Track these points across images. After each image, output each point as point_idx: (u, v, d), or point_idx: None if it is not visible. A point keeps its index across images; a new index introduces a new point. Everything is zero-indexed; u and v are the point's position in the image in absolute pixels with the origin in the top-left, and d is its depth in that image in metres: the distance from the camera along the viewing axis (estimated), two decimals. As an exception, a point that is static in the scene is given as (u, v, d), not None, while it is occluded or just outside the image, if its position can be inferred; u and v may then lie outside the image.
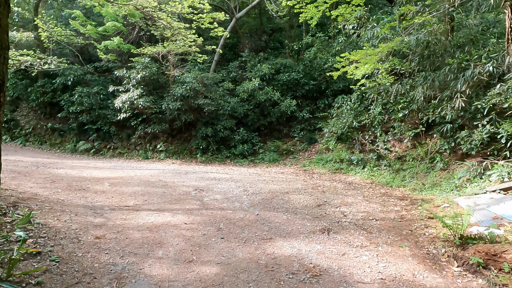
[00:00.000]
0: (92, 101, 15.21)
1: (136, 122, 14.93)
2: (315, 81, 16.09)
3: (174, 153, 14.59)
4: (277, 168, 12.81)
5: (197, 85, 14.15)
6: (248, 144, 14.54)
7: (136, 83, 14.23)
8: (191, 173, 10.69)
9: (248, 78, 16.09)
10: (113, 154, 15.00)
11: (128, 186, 8.11)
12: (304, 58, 16.67)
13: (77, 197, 6.73)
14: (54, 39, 14.79)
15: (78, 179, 8.65)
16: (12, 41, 14.96)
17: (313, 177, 10.98)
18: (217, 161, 14.09)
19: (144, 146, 15.00)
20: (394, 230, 5.42)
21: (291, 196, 7.61)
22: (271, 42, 20.30)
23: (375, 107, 12.56)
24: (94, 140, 15.62)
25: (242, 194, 7.69)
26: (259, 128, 15.60)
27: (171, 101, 14.05)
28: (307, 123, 15.53)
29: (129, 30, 16.49)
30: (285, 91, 16.04)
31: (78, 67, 15.66)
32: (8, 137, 16.43)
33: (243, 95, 15.09)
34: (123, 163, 13.23)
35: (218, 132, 14.45)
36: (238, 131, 14.72)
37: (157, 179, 9.25)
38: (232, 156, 14.45)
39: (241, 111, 14.89)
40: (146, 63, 14.12)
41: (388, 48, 9.64)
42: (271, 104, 15.35)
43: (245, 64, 17.25)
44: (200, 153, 14.44)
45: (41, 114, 16.96)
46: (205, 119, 14.87)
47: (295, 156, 14.27)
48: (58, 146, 15.89)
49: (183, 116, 14.26)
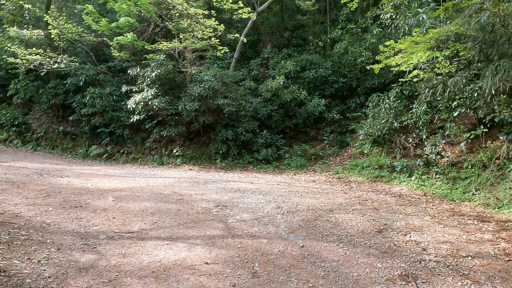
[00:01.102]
0: (104, 102, 13.79)
1: (151, 125, 13.42)
2: (345, 78, 14.24)
3: (192, 158, 12.99)
4: (307, 176, 11.02)
5: (216, 83, 12.52)
6: (272, 148, 12.81)
7: (151, 82, 12.71)
8: (211, 182, 9.03)
9: (271, 76, 14.38)
10: (126, 159, 13.52)
11: (136, 201, 6.50)
12: (332, 54, 14.84)
13: (69, 219, 5.14)
14: (65, 36, 13.45)
15: (79, 191, 7.10)
16: (22, 39, 13.72)
17: (352, 187, 9.16)
18: (238, 167, 12.42)
19: (160, 150, 13.47)
20: (510, 277, 3.60)
21: (337, 215, 5.83)
22: (293, 39, 18.53)
23: (419, 105, 10.65)
24: (107, 144, 14.19)
25: (276, 213, 5.96)
26: (283, 130, 13.86)
27: (188, 101, 12.47)
28: (337, 125, 13.69)
29: (144, 27, 15.03)
30: (312, 90, 14.25)
31: (90, 67, 14.28)
32: (19, 141, 15.21)
33: (266, 95, 13.38)
34: (136, 169, 11.70)
35: (239, 135, 12.77)
36: (261, 134, 13.01)
37: (172, 190, 7.61)
38: (254, 161, 12.75)
39: (264, 112, 13.18)
40: (161, 60, 12.58)
41: (446, 31, 7.76)
42: (297, 104, 13.59)
43: (267, 61, 15.55)
44: (220, 158, 12.79)
45: (53, 117, 15.69)
46: (225, 121, 13.23)
47: (325, 162, 12.46)
48: (69, 150, 14.54)
49: (201, 118, 12.65)
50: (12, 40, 13.73)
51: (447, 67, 8.06)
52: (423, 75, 8.89)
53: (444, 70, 8.15)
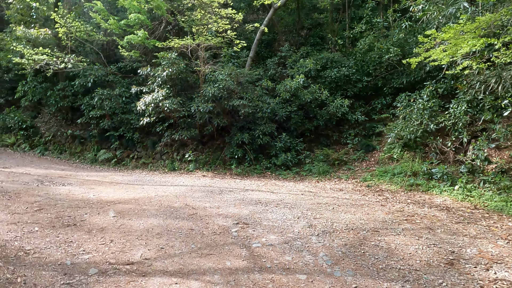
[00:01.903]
0: (113, 104, 12.83)
1: (162, 128, 12.38)
2: (369, 77, 12.98)
3: (205, 163, 11.89)
4: (331, 183, 9.80)
5: (231, 83, 11.42)
6: (291, 152, 11.62)
7: (162, 83, 11.69)
8: (227, 191, 7.90)
9: (289, 76, 13.21)
10: (136, 164, 12.51)
11: (141, 216, 5.40)
12: (355, 51, 13.60)
13: (55, 244, 4.07)
14: (73, 35, 12.56)
15: (77, 203, 6.05)
16: (29, 39, 12.89)
17: (386, 197, 7.90)
18: (255, 174, 11.26)
19: (171, 155, 12.41)
20: None
21: (386, 238, 4.62)
22: (310, 38, 17.34)
23: (458, 105, 9.36)
24: (116, 148, 13.22)
25: (309, 234, 4.79)
26: (303, 133, 12.65)
27: (201, 102, 11.40)
28: (361, 127, 12.42)
29: (155, 25, 14.07)
30: (334, 90, 13.03)
31: (99, 67, 13.37)
32: (27, 145, 14.38)
33: (285, 95, 12.21)
34: (146, 176, 10.65)
35: (255, 138, 11.63)
36: (280, 137, 11.83)
37: (183, 202, 6.50)
38: (272, 167, 11.57)
39: (282, 113, 12.00)
40: (173, 58, 11.54)
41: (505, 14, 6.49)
42: (317, 105, 12.38)
43: (284, 60, 14.39)
44: (235, 163, 11.66)
45: (62, 120, 14.83)
46: (241, 124, 12.11)
47: (349, 167, 11.20)
48: (78, 155, 13.62)
49: (215, 120, 11.55)
50: (19, 40, 12.92)
51: (508, 55, 6.74)
52: (476, 65, 7.57)
53: (505, 59, 6.83)
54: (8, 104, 15.65)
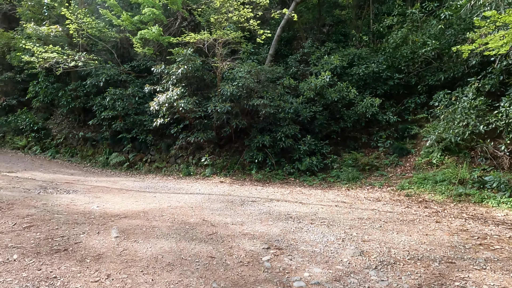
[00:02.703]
0: (126, 104, 11.91)
1: (177, 130, 11.38)
2: (401, 74, 11.68)
3: (223, 168, 10.81)
4: (364, 191, 8.57)
5: (251, 81, 10.34)
6: (317, 156, 10.43)
7: (177, 81, 10.69)
8: (249, 202, 6.78)
9: (313, 73, 12.03)
10: (149, 168, 11.54)
11: (149, 237, 4.34)
12: (384, 46, 12.34)
13: (33, 281, 3.03)
14: (84, 32, 11.72)
15: (77, 218, 5.04)
16: (40, 37, 12.13)
17: (435, 210, 6.63)
18: (277, 180, 10.12)
19: (186, 159, 11.39)
20: None
21: (471, 275, 3.41)
22: (332, 35, 16.12)
23: (511, 103, 8.05)
24: (129, 151, 12.29)
25: (363, 265, 3.62)
26: (328, 135, 11.45)
27: (218, 102, 10.35)
28: (393, 129, 11.13)
29: (170, 22, 13.12)
30: (362, 88, 11.80)
31: (111, 66, 12.50)
32: (38, 148, 13.63)
33: (309, 94, 11.03)
34: (159, 181, 9.65)
35: (277, 141, 10.51)
36: (304, 139, 10.66)
37: (200, 217, 5.42)
38: (296, 172, 10.40)
39: (306, 114, 10.84)
40: (189, 55, 10.54)
41: None
42: (344, 104, 11.17)
43: (307, 57, 13.22)
44: (256, 168, 10.55)
45: (74, 121, 14.03)
46: (261, 125, 11.00)
47: (382, 173, 9.94)
48: (89, 158, 12.76)
49: (233, 121, 10.48)
50: (30, 38, 12.17)
51: None
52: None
53: None
54: (20, 106, 14.99)
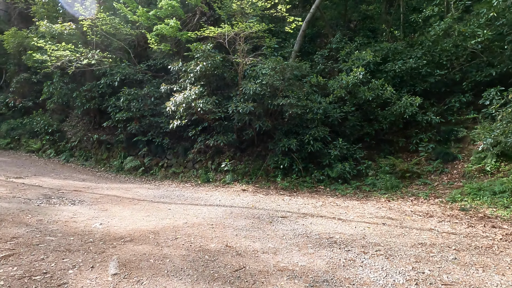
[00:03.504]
0: (141, 105, 11.07)
1: (195, 132, 10.42)
2: (443, 69, 10.34)
3: (244, 174, 9.77)
4: (408, 203, 7.33)
5: (276, 78, 9.27)
6: (349, 162, 9.24)
7: (195, 79, 9.75)
8: (279, 218, 5.70)
9: (343, 70, 10.83)
10: (165, 174, 10.63)
11: (157, 274, 3.32)
12: (423, 40, 11.02)
13: None
14: (99, 29, 10.96)
15: (70, 243, 4.10)
16: (53, 35, 11.46)
17: (509, 230, 5.36)
18: (305, 188, 8.99)
19: (205, 164, 10.41)
20: None
21: None
22: (360, 31, 14.85)
23: None
24: (144, 155, 11.43)
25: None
26: (361, 138, 10.24)
27: (240, 102, 9.34)
28: (435, 131, 9.82)
29: (189, 17, 12.22)
30: (398, 86, 10.53)
31: (126, 64, 11.70)
32: (52, 151, 12.99)
33: (339, 93, 9.87)
34: (175, 189, 8.69)
35: (305, 145, 9.40)
36: (334, 143, 9.50)
37: (222, 240, 4.38)
38: (326, 179, 9.24)
39: (336, 115, 9.68)
40: (208, 51, 9.57)
41: None
42: (379, 104, 9.94)
43: (335, 52, 12.04)
44: (281, 175, 9.45)
45: (89, 123, 13.34)
46: (286, 127, 9.91)
47: (425, 182, 8.66)
48: (103, 162, 11.99)
49: (256, 123, 9.43)
50: (44, 37, 11.52)
51: None
52: None
53: None
54: (36, 107, 14.45)
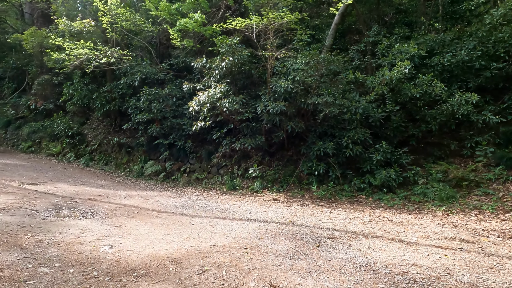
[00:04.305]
0: (162, 106, 10.25)
1: (220, 134, 9.48)
2: (501, 62, 8.94)
3: (274, 181, 8.72)
4: (472, 218, 6.06)
5: (311, 73, 8.19)
6: (394, 168, 8.01)
7: (220, 77, 8.81)
8: (326, 239, 4.61)
9: (383, 65, 9.61)
10: (188, 180, 9.72)
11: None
12: (476, 29, 9.64)
13: None
14: (119, 25, 10.23)
15: (67, 279, 3.19)
16: (72, 33, 10.84)
17: None
18: (344, 197, 7.85)
19: (230, 169, 9.44)
20: None
21: None
22: (394, 25, 13.52)
23: None
24: (166, 159, 10.59)
25: None
26: (405, 141, 8.99)
27: (270, 101, 8.31)
28: (493, 133, 8.44)
29: (213, 12, 11.34)
30: (447, 82, 9.19)
31: (147, 63, 10.92)
32: (72, 155, 12.39)
33: (380, 90, 8.67)
34: (199, 198, 7.75)
35: (342, 148, 8.27)
36: (377, 146, 8.30)
37: (262, 273, 3.35)
38: (368, 188, 8.05)
39: (378, 115, 8.49)
40: (235, 45, 8.62)
41: None
42: (427, 102, 8.67)
43: (373, 46, 10.83)
44: (315, 182, 8.33)
45: (110, 126, 12.68)
46: (321, 129, 8.80)
47: (486, 191, 7.32)
48: (123, 167, 11.24)
49: (288, 124, 8.37)
50: (63, 37, 10.92)
51: None
52: None
53: None
54: (58, 110, 13.95)
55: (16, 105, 15.28)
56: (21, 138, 14.11)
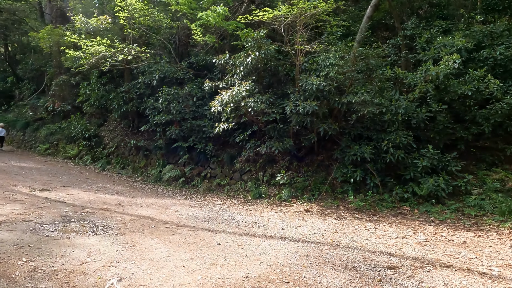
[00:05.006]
0: (181, 106, 9.51)
1: (243, 137, 8.63)
2: None
3: (304, 189, 7.79)
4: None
5: (347, 68, 7.25)
6: (443, 176, 6.95)
7: (244, 74, 7.97)
8: (386, 271, 3.69)
9: (424, 61, 8.55)
10: (208, 186, 8.92)
11: None
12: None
13: None
14: (136, 21, 9.57)
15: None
16: (89, 31, 10.27)
17: None
18: (385, 208, 6.86)
19: (255, 175, 8.58)
20: None
21: None
22: (429, 20, 12.34)
23: None
24: (185, 163, 9.84)
25: None
26: (451, 145, 7.88)
27: (300, 100, 7.40)
28: (558, 136, 7.26)
29: (235, 6, 10.53)
30: (500, 78, 8.03)
31: (166, 61, 10.22)
32: (89, 157, 11.83)
33: (424, 88, 7.63)
34: (221, 208, 6.92)
35: (381, 153, 7.29)
36: (422, 151, 7.26)
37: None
38: (411, 198, 7.03)
39: (422, 115, 7.45)
40: (260, 38, 7.76)
41: None
42: (479, 101, 7.55)
43: (411, 40, 9.77)
44: (351, 191, 7.37)
45: (127, 128, 12.05)
46: (356, 131, 7.83)
47: (556, 205, 6.17)
48: (141, 171, 10.56)
49: (320, 126, 7.44)
50: (80, 35, 10.36)
51: None
52: None
53: None
54: (75, 111, 13.47)
55: (34, 107, 14.95)
56: (39, 140, 13.72)
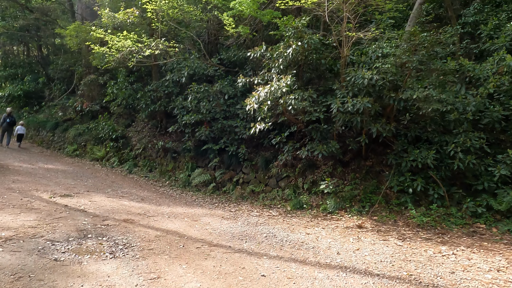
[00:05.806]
0: (212, 105, 8.67)
1: (280, 139, 7.63)
2: None
3: (352, 199, 6.68)
4: None
5: (406, 59, 6.09)
6: (527, 187, 5.64)
7: (283, 68, 6.98)
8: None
9: (491, 51, 7.21)
10: (241, 193, 8.00)
11: None
12: None
13: None
14: (165, 14, 8.85)
15: None
16: (116, 26, 9.68)
17: None
18: (454, 226, 5.65)
19: (293, 181, 7.56)
20: None
21: None
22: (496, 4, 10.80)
23: None
24: (216, 167, 8.99)
25: None
26: (531, 150, 6.50)
27: (348, 97, 6.32)
28: None
29: (270, -4, 9.58)
30: None
31: (195, 56, 9.42)
32: (116, 159, 11.27)
33: (497, 81, 6.33)
34: (259, 221, 5.96)
35: (446, 159, 6.08)
36: (498, 157, 5.97)
37: None
38: (486, 214, 5.77)
39: (497, 115, 6.15)
40: (302, 26, 6.74)
41: None
42: None
43: (473, 28, 8.41)
44: (410, 203, 6.19)
45: (155, 128, 11.39)
46: (413, 133, 6.63)
47: None
48: (169, 174, 9.83)
49: (372, 127, 6.31)
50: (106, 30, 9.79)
51: None
52: None
53: None
54: (103, 111, 13.03)
55: (64, 107, 14.71)
56: (67, 141, 13.39)
